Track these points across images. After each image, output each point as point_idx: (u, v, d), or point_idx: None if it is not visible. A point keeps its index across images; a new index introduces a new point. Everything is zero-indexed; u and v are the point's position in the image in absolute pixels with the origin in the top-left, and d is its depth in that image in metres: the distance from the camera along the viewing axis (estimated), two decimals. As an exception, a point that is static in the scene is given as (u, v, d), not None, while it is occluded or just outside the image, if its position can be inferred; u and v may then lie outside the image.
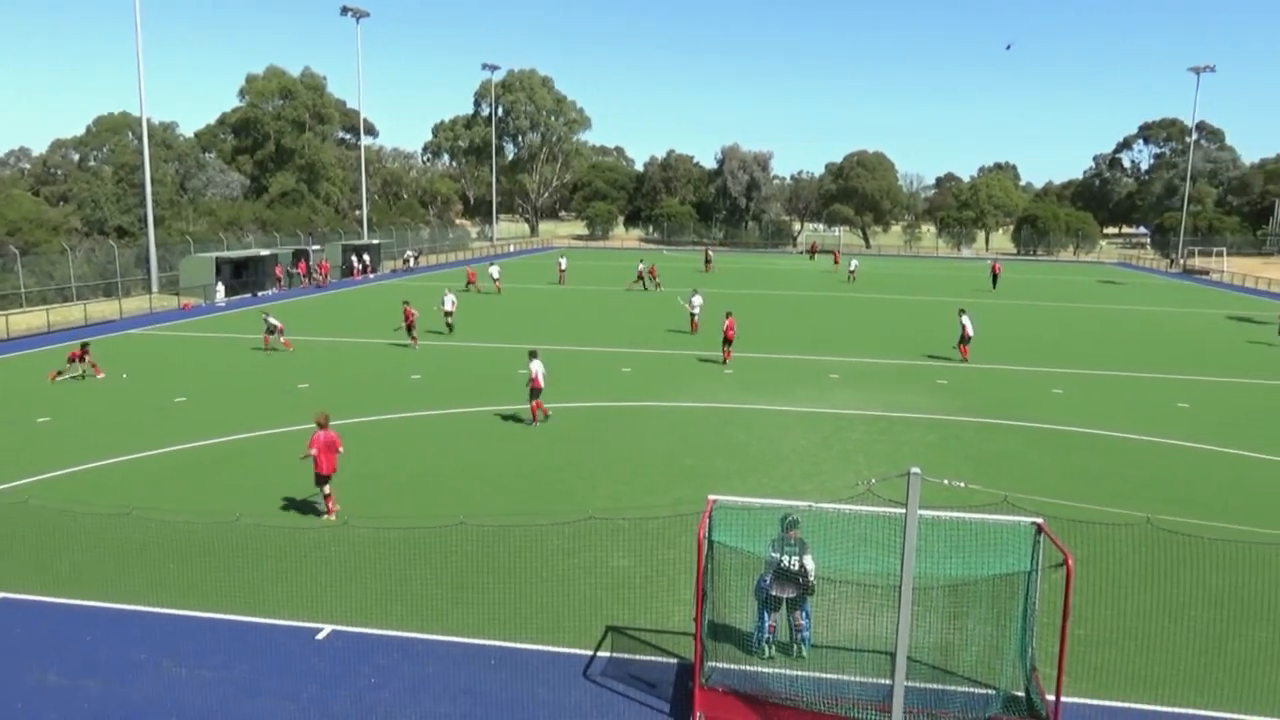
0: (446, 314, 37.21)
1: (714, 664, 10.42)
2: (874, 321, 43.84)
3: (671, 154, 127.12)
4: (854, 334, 38.96)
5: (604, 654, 11.27)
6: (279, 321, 33.38)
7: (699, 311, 38.80)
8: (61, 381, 27.19)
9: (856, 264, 73.03)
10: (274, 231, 67.26)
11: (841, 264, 79.51)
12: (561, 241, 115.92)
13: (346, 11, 72.76)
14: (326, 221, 78.64)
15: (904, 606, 8.85)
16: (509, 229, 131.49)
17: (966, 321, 33.58)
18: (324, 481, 15.70)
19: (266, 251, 55.75)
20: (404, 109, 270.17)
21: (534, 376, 22.33)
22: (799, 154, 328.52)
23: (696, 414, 23.92)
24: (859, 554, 10.21)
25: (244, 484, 17.60)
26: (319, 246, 62.97)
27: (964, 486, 10.53)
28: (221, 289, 49.17)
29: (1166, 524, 14.58)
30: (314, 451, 15.53)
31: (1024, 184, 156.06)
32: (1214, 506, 16.98)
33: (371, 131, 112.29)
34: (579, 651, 11.29)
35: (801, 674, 10.38)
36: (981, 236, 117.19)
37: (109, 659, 11.00)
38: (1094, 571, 13.42)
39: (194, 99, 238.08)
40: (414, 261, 71.31)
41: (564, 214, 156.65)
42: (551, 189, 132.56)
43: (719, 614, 10.65)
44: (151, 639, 11.48)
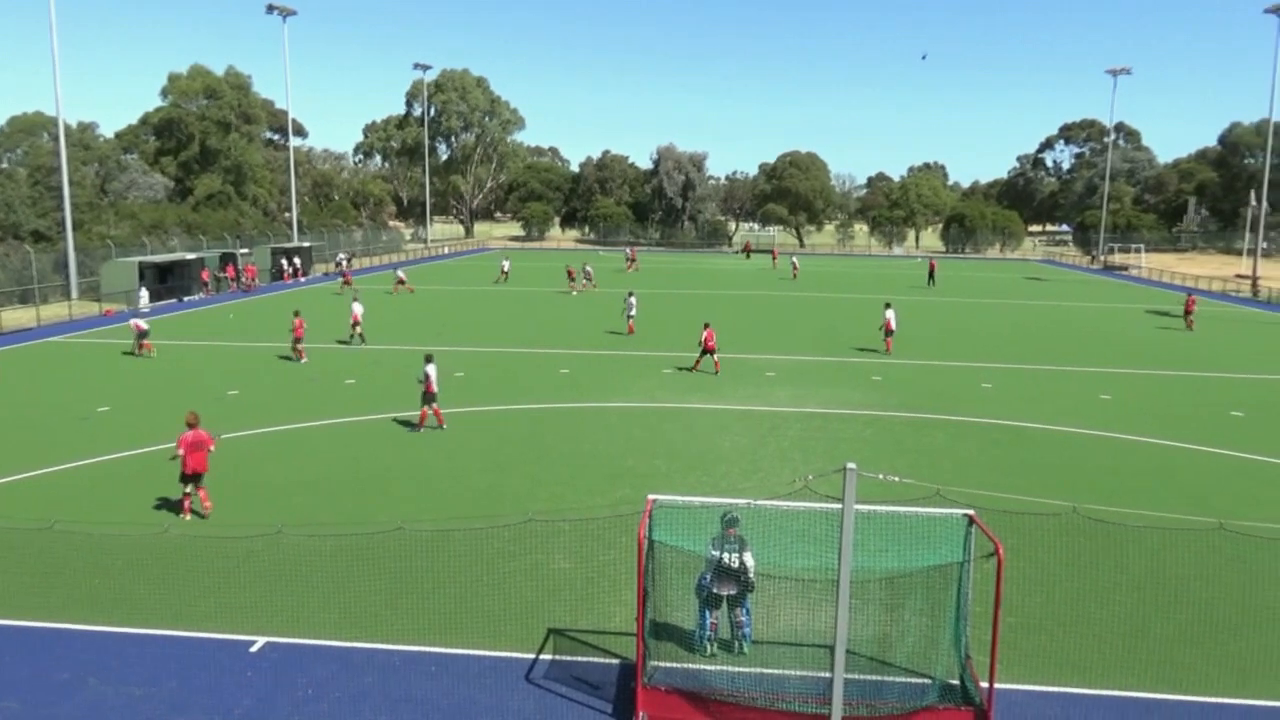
0: (356, 322, 35.43)
1: (656, 663, 10.44)
2: (809, 319, 44.42)
3: (607, 154, 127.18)
4: (790, 332, 39.42)
5: (546, 657, 11.21)
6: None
7: (635, 313, 39.00)
8: (-25, 392, 26.10)
9: (797, 261, 74.57)
10: (200, 235, 65.56)
11: (781, 262, 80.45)
12: (498, 243, 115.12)
13: (273, 10, 71.14)
14: (254, 224, 76.93)
15: (842, 600, 8.98)
16: (443, 230, 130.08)
17: (890, 315, 34.53)
18: (188, 480, 15.88)
19: (192, 255, 54.27)
20: (334, 109, 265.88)
21: (428, 380, 22.07)
22: (734, 154, 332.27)
23: (635, 414, 23.95)
24: (797, 550, 10.34)
25: (172, 494, 17.12)
26: (247, 250, 61.56)
27: (898, 481, 10.73)
28: (145, 294, 47.68)
29: (1092, 513, 15.05)
30: (181, 451, 15.77)
31: (952, 183, 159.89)
32: (1137, 495, 17.57)
33: (300, 132, 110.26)
34: (521, 655, 11.22)
35: (743, 670, 10.46)
36: (912, 235, 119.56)
37: (29, 679, 10.60)
38: (1023, 560, 13.78)
39: (114, 99, 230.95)
40: (346, 264, 70.10)
41: (499, 215, 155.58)
42: (486, 190, 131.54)
43: (660, 613, 10.68)
44: (75, 657, 11.09)
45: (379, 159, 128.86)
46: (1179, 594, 13.07)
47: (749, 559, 10.89)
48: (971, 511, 9.96)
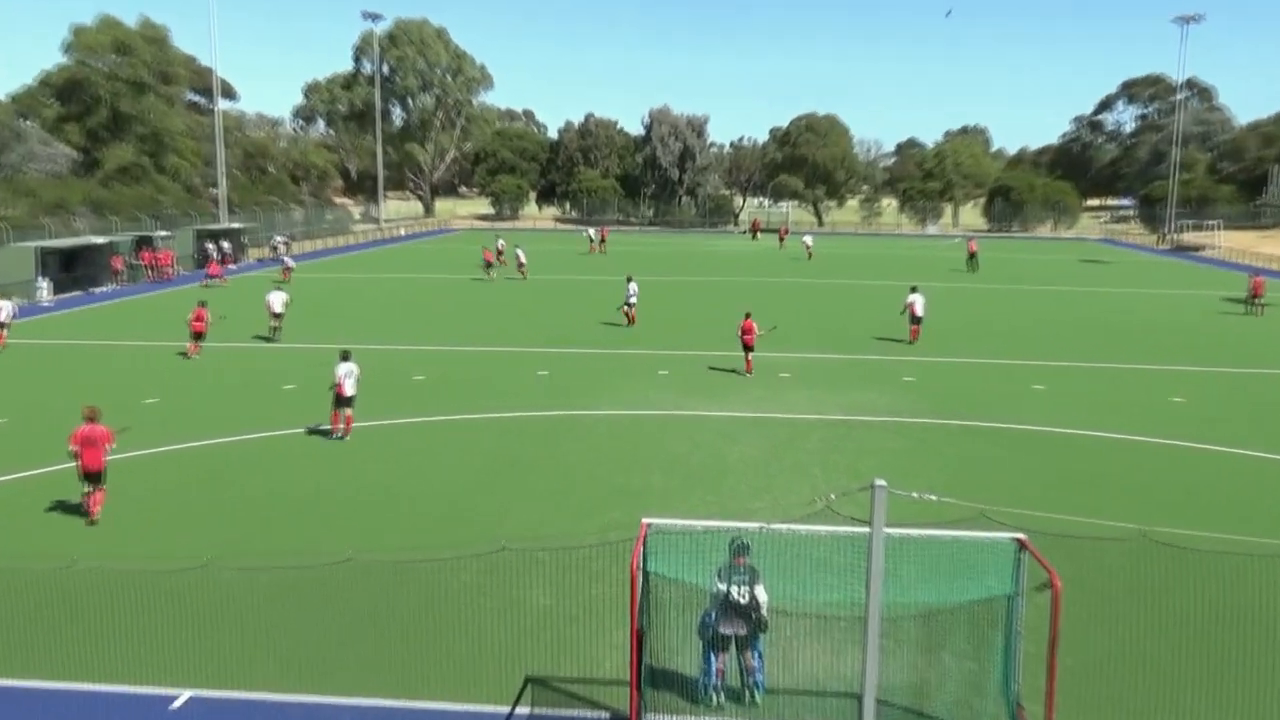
0: (275, 315, 35.78)
1: (654, 716, 10.41)
2: (830, 311, 44.47)
3: (590, 119, 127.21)
4: (807, 325, 39.48)
5: (523, 710, 11.18)
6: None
7: (635, 300, 39.39)
8: None
9: (811, 240, 74.88)
10: (111, 215, 65.33)
11: (789, 243, 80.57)
12: (462, 222, 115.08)
13: (195, -50, 71.01)
14: (176, 202, 76.72)
15: (871, 641, 8.95)
16: (399, 209, 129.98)
17: (916, 300, 34.85)
18: (87, 479, 16.81)
19: (102, 239, 54.07)
20: (269, 66, 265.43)
21: (337, 381, 22.24)
22: (740, 118, 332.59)
23: (626, 422, 23.93)
24: (818, 582, 10.30)
25: (80, 520, 17.02)
26: (168, 232, 61.38)
27: (936, 500, 10.71)
28: (46, 285, 47.49)
29: (1163, 536, 15.05)
30: (74, 448, 16.71)
31: (995, 150, 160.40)
32: (1217, 515, 17.60)
33: (229, 94, 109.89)
34: (493, 709, 11.17)
35: (755, 724, 10.43)
36: (949, 211, 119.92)
37: (-89, 742, 10.52)
38: (1084, 593, 13.78)
39: (7, 56, 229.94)
40: (284, 249, 69.95)
41: (465, 190, 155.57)
42: (449, 161, 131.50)
43: (658, 657, 10.65)
44: (-35, 716, 11.02)
45: (322, 125, 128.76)
46: (1269, 633, 13.08)
47: (761, 593, 10.87)
48: (1022, 536, 9.94)
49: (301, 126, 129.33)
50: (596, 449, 21.68)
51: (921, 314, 35.43)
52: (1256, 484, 19.68)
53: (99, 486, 16.94)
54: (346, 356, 22.90)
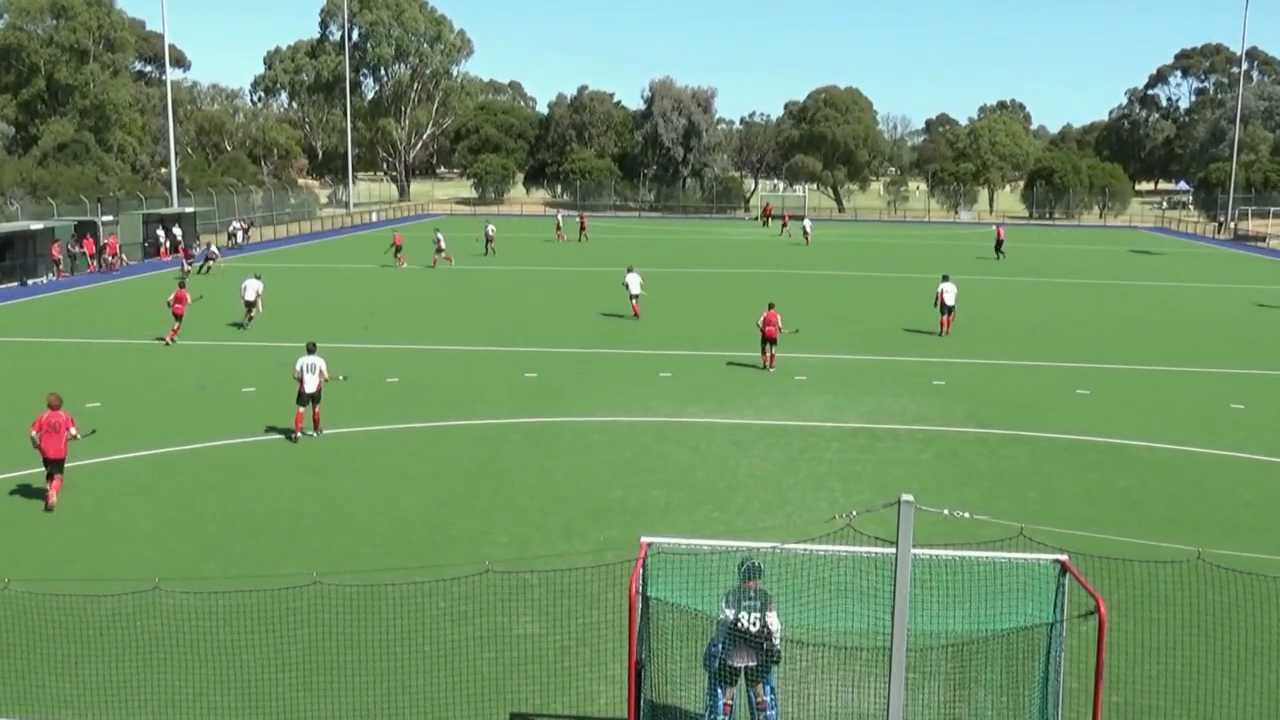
0: (248, 304, 37.21)
1: (653, 758, 10.42)
2: (850, 307, 44.52)
3: (584, 92, 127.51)
4: (825, 323, 39.48)
5: (508, 751, 11.19)
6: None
7: (640, 292, 39.72)
8: None
9: (810, 224, 75.65)
10: (49, 198, 65.32)
11: (792, 229, 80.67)
12: (441, 206, 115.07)
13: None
14: (121, 183, 76.77)
15: (895, 674, 8.97)
16: (371, 191, 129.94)
17: (947, 288, 35.37)
18: (49, 466, 18.09)
19: (39, 225, 54.01)
20: (226, 32, 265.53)
21: (297, 377, 22.57)
22: (751, 91, 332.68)
23: (624, 430, 23.95)
24: (837, 608, 10.31)
25: (11, 537, 17.04)
26: (112, 217, 61.35)
27: (968, 517, 10.73)
28: (-23, 276, 47.51)
29: (1221, 559, 15.06)
30: (35, 433, 18.04)
31: (1036, 128, 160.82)
32: None
33: (181, 62, 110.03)
34: (475, 749, 11.19)
35: (767, 766, 10.44)
36: (984, 196, 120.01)
37: None
38: (1133, 621, 13.80)
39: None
40: (242, 236, 70.03)
41: (444, 171, 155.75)
42: (426, 138, 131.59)
43: (659, 692, 10.67)
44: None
45: (285, 98, 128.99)
46: (1335, 663, 13.10)
47: (774, 621, 10.87)
48: (1064, 557, 9.96)
49: (262, 99, 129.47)
50: (591, 460, 21.68)
51: (953, 303, 36.24)
52: (1326, 501, 19.69)
53: (59, 474, 18.21)
54: (311, 349, 23.17)
